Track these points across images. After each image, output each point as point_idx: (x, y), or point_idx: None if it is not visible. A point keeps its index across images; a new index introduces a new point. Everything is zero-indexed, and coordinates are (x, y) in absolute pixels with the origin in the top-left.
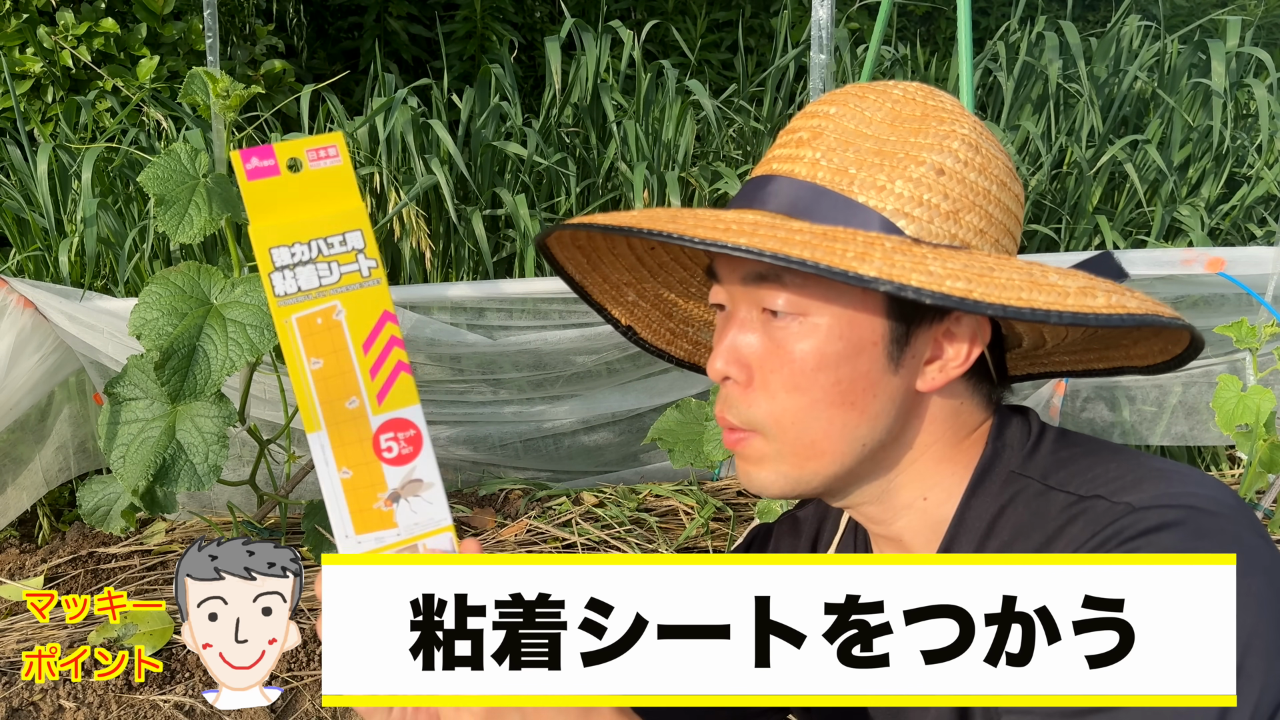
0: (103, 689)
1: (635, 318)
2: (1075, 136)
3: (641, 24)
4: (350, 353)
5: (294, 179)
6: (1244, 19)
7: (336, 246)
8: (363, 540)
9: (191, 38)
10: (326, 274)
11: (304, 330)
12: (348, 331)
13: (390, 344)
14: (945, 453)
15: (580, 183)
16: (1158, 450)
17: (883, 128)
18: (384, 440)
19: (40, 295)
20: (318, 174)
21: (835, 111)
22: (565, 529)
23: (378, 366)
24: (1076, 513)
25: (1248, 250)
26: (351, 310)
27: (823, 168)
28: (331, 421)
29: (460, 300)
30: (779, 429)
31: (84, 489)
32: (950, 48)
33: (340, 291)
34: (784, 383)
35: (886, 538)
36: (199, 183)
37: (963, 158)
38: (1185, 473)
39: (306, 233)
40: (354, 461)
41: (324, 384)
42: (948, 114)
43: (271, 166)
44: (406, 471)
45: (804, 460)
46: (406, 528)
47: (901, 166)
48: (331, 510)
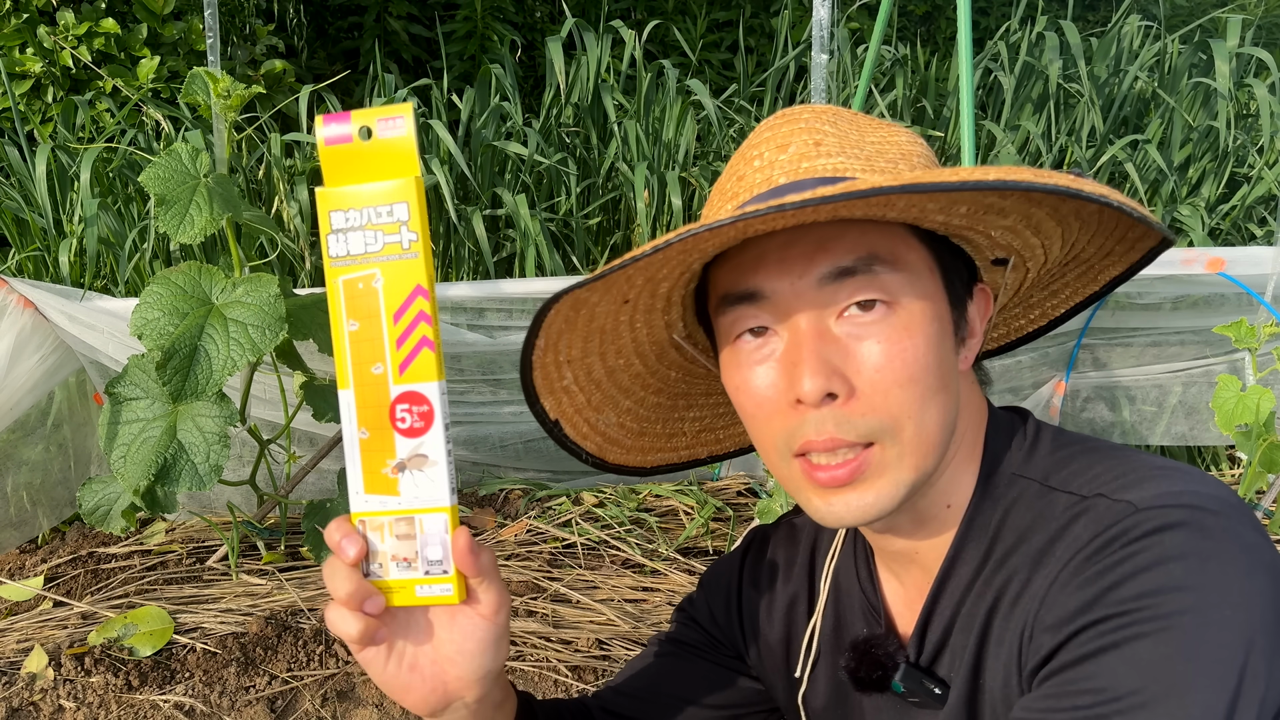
0: (103, 689)
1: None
2: (1075, 136)
3: (642, 24)
4: (382, 320)
5: (364, 146)
6: (1244, 19)
7: (384, 216)
8: (369, 500)
9: (192, 38)
10: (372, 242)
11: (348, 292)
12: (382, 299)
13: (419, 318)
14: (968, 450)
15: (580, 183)
16: (1157, 450)
17: (854, 136)
18: (399, 410)
19: (40, 295)
20: (384, 142)
21: (805, 131)
22: (565, 529)
23: (404, 337)
24: (1079, 512)
25: (1248, 250)
26: (389, 279)
27: (840, 155)
28: (359, 383)
29: (460, 300)
30: (897, 428)
31: (84, 489)
32: (950, 48)
33: (381, 260)
34: (897, 377)
35: (896, 552)
36: (200, 183)
37: (923, 152)
38: (1184, 471)
39: (361, 200)
40: (372, 425)
41: (357, 346)
42: (864, 119)
43: (346, 133)
44: (415, 445)
45: (922, 458)
46: (408, 499)
47: (902, 158)
48: (349, 465)
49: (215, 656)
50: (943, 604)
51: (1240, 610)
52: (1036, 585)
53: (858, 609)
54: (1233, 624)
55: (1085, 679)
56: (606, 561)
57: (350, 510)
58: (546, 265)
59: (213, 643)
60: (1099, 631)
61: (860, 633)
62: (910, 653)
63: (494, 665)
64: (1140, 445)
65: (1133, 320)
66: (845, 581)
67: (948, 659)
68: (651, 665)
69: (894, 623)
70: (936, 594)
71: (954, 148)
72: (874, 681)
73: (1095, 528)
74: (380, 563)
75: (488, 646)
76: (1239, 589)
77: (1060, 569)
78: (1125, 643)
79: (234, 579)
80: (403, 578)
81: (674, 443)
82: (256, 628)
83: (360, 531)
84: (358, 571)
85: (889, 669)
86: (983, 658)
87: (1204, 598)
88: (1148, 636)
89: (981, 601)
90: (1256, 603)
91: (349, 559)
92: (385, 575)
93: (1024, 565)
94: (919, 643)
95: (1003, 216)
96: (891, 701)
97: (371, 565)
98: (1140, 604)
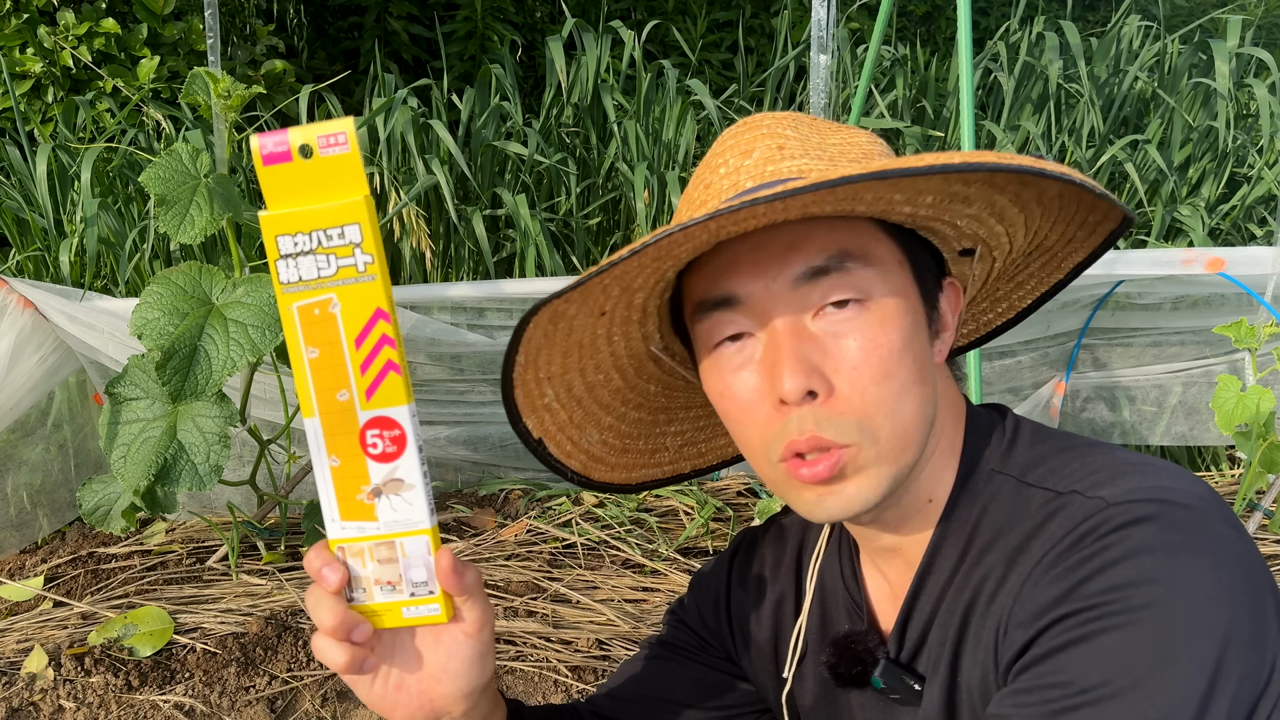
0: (103, 689)
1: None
2: (1075, 136)
3: (642, 24)
4: (343, 346)
5: (306, 165)
6: (1244, 19)
7: (335, 239)
8: (346, 527)
9: (192, 38)
10: (325, 266)
11: (304, 319)
12: (341, 325)
13: (381, 342)
14: (947, 444)
15: (580, 183)
16: (1157, 450)
17: (815, 140)
18: (369, 435)
19: (40, 295)
20: (328, 161)
21: (767, 137)
22: (565, 529)
23: (368, 363)
24: (1054, 509)
25: (1248, 250)
26: (346, 304)
27: (804, 158)
28: (325, 410)
29: (460, 300)
30: (874, 425)
31: (84, 489)
32: (950, 48)
33: (337, 285)
34: (873, 373)
35: (881, 548)
36: (200, 183)
37: (884, 150)
38: (1159, 466)
39: (309, 223)
40: (342, 452)
41: (319, 373)
42: (823, 123)
43: (285, 151)
44: (389, 469)
45: (900, 452)
46: (386, 523)
47: (863, 157)
48: (322, 493)
49: (215, 656)
50: (923, 600)
51: (1210, 603)
52: (1012, 581)
53: (841, 606)
54: (1203, 616)
55: (1054, 672)
56: (606, 561)
57: (328, 537)
58: (546, 265)
59: (213, 643)
60: (1068, 625)
61: (842, 629)
62: (891, 649)
63: (480, 681)
64: (1140, 445)
65: (1133, 320)
66: (829, 579)
67: (927, 655)
68: (643, 669)
69: (877, 619)
70: (916, 590)
71: (954, 147)
72: (854, 677)
73: (1069, 524)
74: (364, 588)
75: (473, 663)
76: (1209, 582)
77: (1034, 565)
78: (1094, 636)
79: (234, 579)
80: (388, 600)
81: (657, 458)
82: (256, 628)
83: (340, 558)
84: (342, 600)
85: (868, 665)
86: (960, 654)
87: (1173, 591)
88: (1116, 629)
89: (960, 597)
90: (1227, 595)
91: (332, 587)
92: (370, 600)
93: (1000, 561)
94: (899, 639)
95: (967, 205)
96: (875, 698)
97: (355, 592)
98: (1109, 597)
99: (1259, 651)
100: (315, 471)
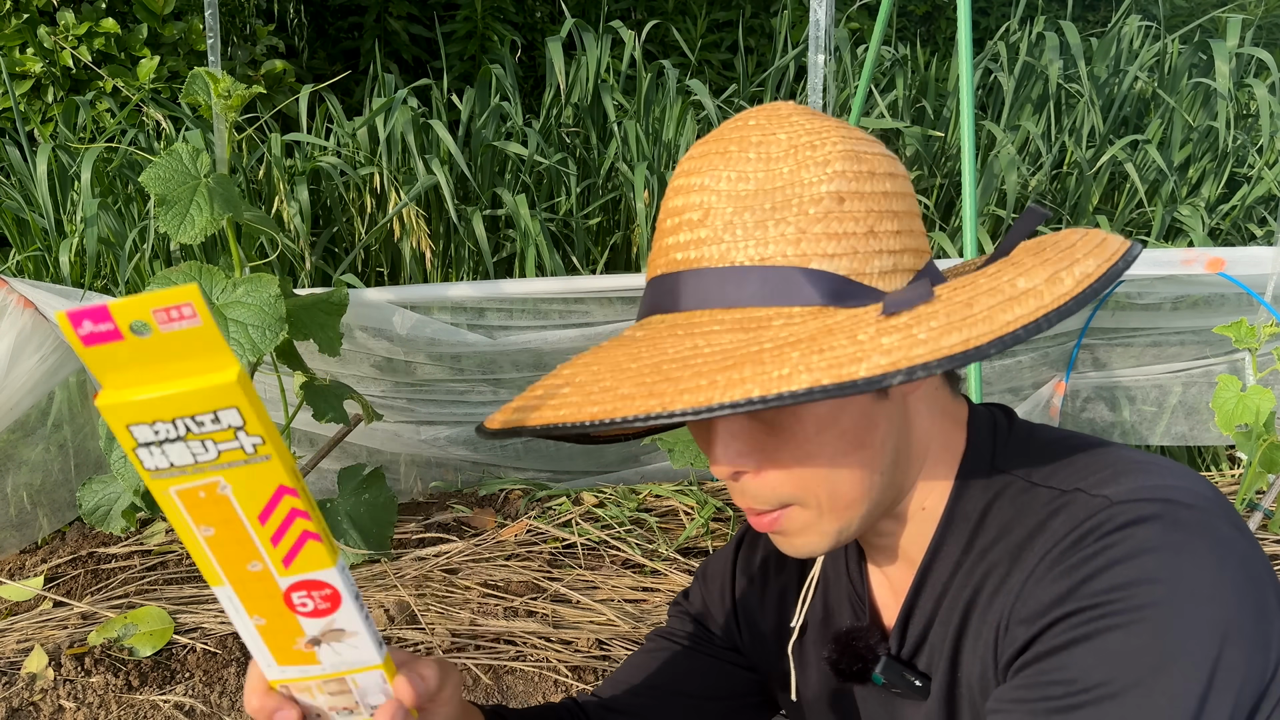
0: (103, 689)
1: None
2: (1075, 136)
3: (642, 24)
4: (244, 523)
5: (144, 342)
6: (1244, 19)
7: (208, 425)
8: (286, 670)
9: (192, 38)
10: (201, 451)
11: (188, 503)
12: (238, 505)
13: (291, 515)
14: (941, 452)
15: (580, 183)
16: (1157, 450)
17: (761, 176)
18: (296, 597)
19: (40, 295)
20: (174, 336)
21: (708, 182)
22: (565, 529)
23: (279, 536)
24: (1058, 507)
25: (1248, 250)
26: (239, 486)
27: (727, 243)
28: (235, 579)
29: (460, 300)
30: (808, 494)
31: (84, 489)
32: (950, 48)
33: (222, 468)
34: (794, 456)
35: (882, 549)
36: (200, 183)
37: (850, 174)
38: (1163, 465)
39: (168, 410)
40: (266, 612)
41: (220, 549)
42: (809, 131)
43: (111, 331)
44: (325, 623)
45: (843, 511)
46: (331, 665)
47: (802, 209)
48: (251, 647)
49: (215, 657)
50: (924, 597)
51: (1212, 602)
52: (1014, 579)
53: (844, 599)
54: (1204, 616)
55: (1056, 670)
56: (606, 561)
57: (266, 678)
58: (546, 265)
59: (213, 643)
60: (1071, 624)
61: (845, 624)
62: (892, 645)
63: None
64: (1140, 445)
65: (1133, 320)
66: (834, 572)
67: (928, 652)
68: (648, 660)
69: (879, 614)
70: (918, 587)
71: (954, 147)
72: (854, 674)
73: (1071, 522)
74: (319, 713)
75: None
76: (1211, 581)
77: (1037, 562)
78: (1096, 635)
79: None
80: None
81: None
82: None
83: (285, 694)
84: None
85: (869, 661)
86: (960, 651)
87: (1175, 590)
88: (1119, 629)
89: (961, 594)
90: (1230, 595)
91: None
92: None
93: (1003, 559)
94: (901, 635)
95: None
96: (878, 692)
97: (310, 718)
98: (1112, 596)
99: (1262, 651)
100: (237, 627)
